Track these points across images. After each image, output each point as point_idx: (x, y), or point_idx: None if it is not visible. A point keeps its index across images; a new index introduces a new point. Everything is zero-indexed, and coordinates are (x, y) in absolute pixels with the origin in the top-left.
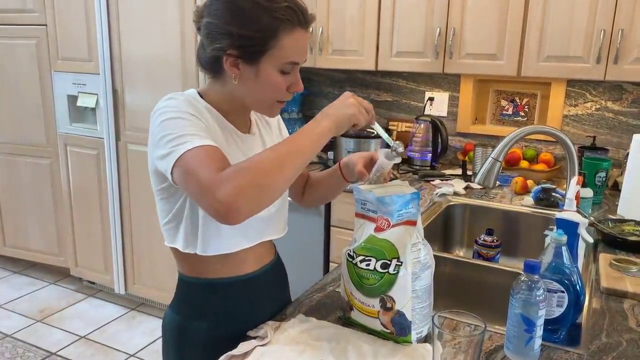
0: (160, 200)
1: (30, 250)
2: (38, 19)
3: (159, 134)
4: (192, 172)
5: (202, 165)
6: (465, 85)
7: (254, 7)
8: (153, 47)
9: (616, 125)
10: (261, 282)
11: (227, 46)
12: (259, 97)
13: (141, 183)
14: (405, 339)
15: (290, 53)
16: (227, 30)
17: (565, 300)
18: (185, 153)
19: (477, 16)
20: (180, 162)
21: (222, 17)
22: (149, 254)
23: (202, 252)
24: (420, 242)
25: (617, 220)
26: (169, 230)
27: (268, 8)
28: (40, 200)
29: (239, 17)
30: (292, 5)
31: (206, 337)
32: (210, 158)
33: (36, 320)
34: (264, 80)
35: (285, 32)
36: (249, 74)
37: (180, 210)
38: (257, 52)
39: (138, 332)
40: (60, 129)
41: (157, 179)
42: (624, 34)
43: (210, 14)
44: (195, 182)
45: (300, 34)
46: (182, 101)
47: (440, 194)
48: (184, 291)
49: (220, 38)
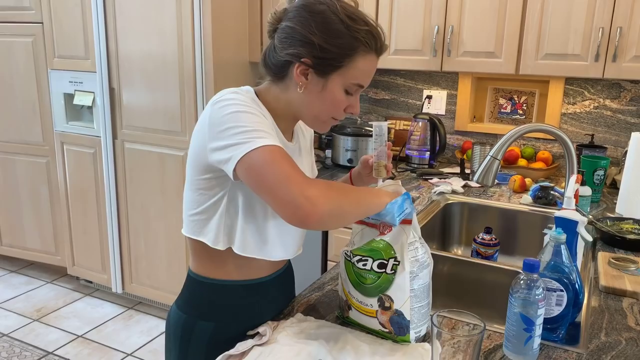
0: (195, 190)
1: (27, 249)
2: (34, 17)
3: (225, 125)
4: (275, 165)
5: (286, 162)
6: (463, 83)
7: (338, 23)
8: (150, 45)
9: (614, 124)
10: (271, 287)
11: (304, 54)
12: (317, 110)
13: (138, 181)
14: (404, 338)
15: (360, 75)
16: (308, 38)
17: (564, 299)
18: (261, 147)
19: (476, 14)
20: (255, 155)
21: (306, 26)
22: (146, 253)
23: (240, 252)
24: (417, 241)
25: (615, 219)
26: (195, 221)
27: (351, 28)
28: (37, 199)
29: (323, 29)
30: (372, 31)
31: (211, 337)
32: (289, 158)
33: (33, 319)
34: (328, 96)
35: (361, 54)
36: (316, 85)
37: (216, 205)
38: (330, 67)
39: (135, 331)
40: (57, 127)
41: (198, 169)
42: (623, 32)
43: (293, 20)
44: (280, 174)
45: (373, 59)
46: (249, 98)
47: (438, 193)
48: (192, 289)
49: (298, 45)
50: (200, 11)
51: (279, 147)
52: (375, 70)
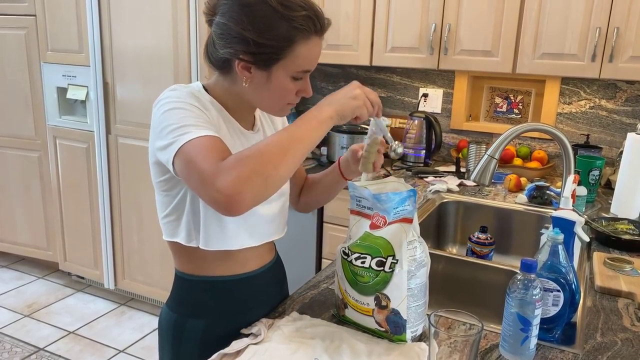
0: (160, 193)
1: (18, 244)
2: (27, 9)
3: (160, 125)
4: (193, 162)
5: (203, 154)
6: (459, 81)
7: (272, 14)
8: (145, 39)
9: (610, 124)
10: (261, 281)
11: (241, 51)
12: (268, 100)
13: (131, 177)
14: (400, 337)
15: (304, 62)
16: (242, 35)
17: (561, 300)
18: (186, 143)
19: (473, 13)
20: (182, 153)
21: (239, 21)
22: (139, 249)
23: (204, 247)
24: (416, 240)
25: (610, 219)
26: (168, 223)
27: (286, 16)
28: (29, 193)
29: (256, 24)
30: (310, 14)
31: (203, 335)
32: (211, 148)
33: (24, 315)
34: (275, 86)
35: (301, 42)
36: (261, 78)
37: (181, 204)
38: (271, 60)
39: (128, 327)
40: (50, 121)
41: (157, 171)
42: (619, 33)
43: (225, 15)
44: (196, 172)
45: (315, 42)
46: (185, 93)
47: (433, 191)
48: (180, 288)
49: (234, 42)
50: (195, 5)
51: (200, 139)
52: (319, 51)
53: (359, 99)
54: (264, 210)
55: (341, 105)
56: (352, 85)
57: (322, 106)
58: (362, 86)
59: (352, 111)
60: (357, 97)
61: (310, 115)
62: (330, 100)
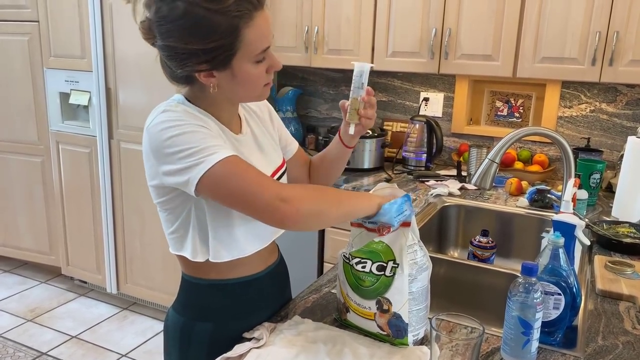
0: (163, 212)
1: (21, 249)
2: (30, 15)
3: (168, 150)
4: (241, 177)
5: (250, 170)
6: (460, 85)
7: (206, 15)
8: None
9: (610, 127)
10: (266, 283)
11: (196, 64)
12: (243, 93)
13: (134, 182)
14: (402, 341)
15: (258, 44)
16: (189, 49)
17: (562, 303)
18: (216, 164)
19: (473, 17)
20: (213, 173)
21: (179, 38)
22: (141, 253)
23: (215, 259)
24: (416, 244)
25: (611, 222)
26: (175, 239)
27: (220, 10)
28: (32, 198)
29: (196, 33)
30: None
31: (211, 338)
32: (247, 166)
33: (27, 319)
34: (243, 78)
35: (246, 27)
36: (226, 78)
37: (186, 221)
38: (227, 57)
39: (130, 332)
40: (52, 126)
41: (158, 193)
42: (619, 36)
43: (164, 36)
44: (249, 184)
45: (260, 18)
46: (182, 112)
47: (435, 195)
48: (188, 292)
49: (185, 58)
50: None
51: (234, 157)
52: (269, 23)
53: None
54: None
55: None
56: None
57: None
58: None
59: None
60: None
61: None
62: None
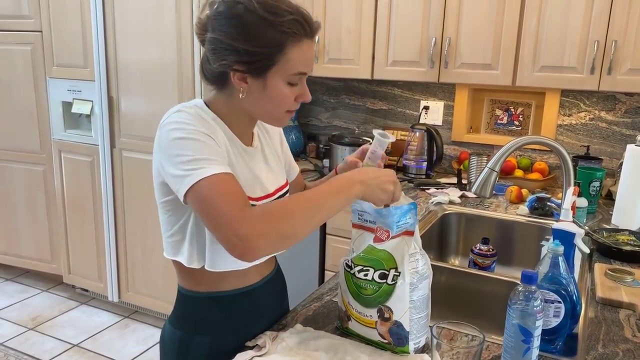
0: (165, 212)
1: (22, 258)
2: (33, 25)
3: (170, 151)
4: (212, 202)
5: (224, 197)
6: (460, 94)
7: (259, 22)
8: (149, 54)
9: (610, 135)
10: (263, 294)
11: (234, 62)
12: (267, 109)
13: (136, 190)
14: (403, 349)
15: (298, 65)
16: (233, 46)
17: (562, 311)
18: (202, 180)
19: (473, 26)
20: (197, 189)
21: (228, 33)
22: (143, 262)
23: (211, 268)
24: (418, 253)
25: (611, 230)
26: (172, 243)
27: (274, 22)
28: (34, 206)
29: (245, 33)
30: (297, 18)
31: (210, 350)
32: (230, 189)
33: (28, 328)
34: (272, 93)
35: (291, 45)
36: (257, 87)
37: (185, 225)
38: (265, 67)
39: (131, 340)
40: (55, 135)
41: (162, 191)
42: (618, 45)
43: (215, 30)
44: (215, 212)
45: (307, 44)
46: (194, 116)
47: (435, 203)
48: (184, 305)
49: (227, 54)
50: None
51: (222, 175)
52: (313, 53)
53: (388, 194)
54: None
55: (371, 191)
56: (389, 177)
57: (354, 182)
58: (397, 182)
59: (375, 201)
60: (387, 191)
61: (341, 186)
62: (363, 180)
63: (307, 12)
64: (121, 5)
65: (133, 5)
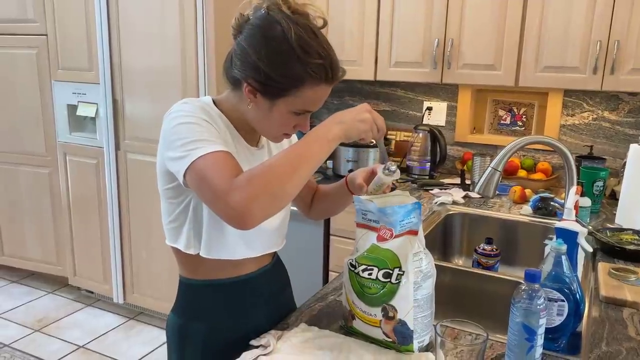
0: (166, 200)
1: (28, 260)
2: (38, 29)
3: (172, 137)
4: (206, 178)
5: (215, 171)
6: (463, 95)
7: (289, 53)
8: (153, 57)
9: (613, 135)
10: (260, 283)
11: (251, 77)
12: (267, 127)
13: (140, 192)
14: (407, 347)
15: (307, 103)
16: (256, 63)
17: (566, 309)
18: (198, 159)
19: (475, 27)
20: (194, 167)
21: (257, 51)
22: (148, 264)
23: (206, 255)
24: (422, 252)
25: (615, 229)
26: (171, 229)
27: (302, 60)
28: (39, 209)
29: (271, 57)
30: (325, 64)
31: (206, 338)
32: (223, 164)
33: (34, 329)
34: (275, 117)
35: (309, 86)
36: (263, 105)
37: (184, 212)
38: (277, 94)
39: (137, 341)
40: (60, 138)
41: (164, 179)
42: (620, 45)
43: (247, 39)
44: (208, 188)
45: (323, 89)
46: (197, 107)
47: (439, 203)
48: (183, 293)
49: (248, 67)
50: (203, 23)
51: (218, 153)
52: (326, 96)
53: (367, 122)
54: (265, 223)
55: (349, 126)
56: (362, 108)
57: (330, 125)
58: (371, 110)
59: (359, 134)
60: (366, 120)
61: (318, 133)
62: (339, 120)
63: (337, 58)
64: (125, 8)
65: (137, 8)
